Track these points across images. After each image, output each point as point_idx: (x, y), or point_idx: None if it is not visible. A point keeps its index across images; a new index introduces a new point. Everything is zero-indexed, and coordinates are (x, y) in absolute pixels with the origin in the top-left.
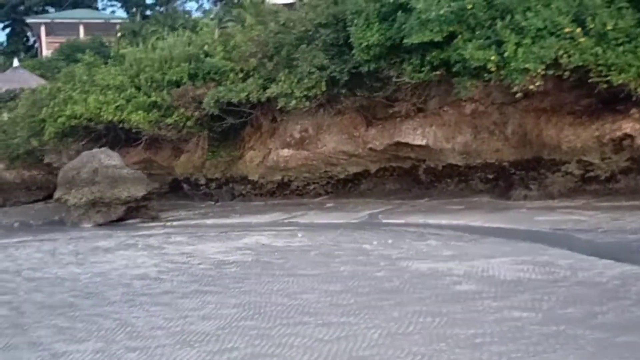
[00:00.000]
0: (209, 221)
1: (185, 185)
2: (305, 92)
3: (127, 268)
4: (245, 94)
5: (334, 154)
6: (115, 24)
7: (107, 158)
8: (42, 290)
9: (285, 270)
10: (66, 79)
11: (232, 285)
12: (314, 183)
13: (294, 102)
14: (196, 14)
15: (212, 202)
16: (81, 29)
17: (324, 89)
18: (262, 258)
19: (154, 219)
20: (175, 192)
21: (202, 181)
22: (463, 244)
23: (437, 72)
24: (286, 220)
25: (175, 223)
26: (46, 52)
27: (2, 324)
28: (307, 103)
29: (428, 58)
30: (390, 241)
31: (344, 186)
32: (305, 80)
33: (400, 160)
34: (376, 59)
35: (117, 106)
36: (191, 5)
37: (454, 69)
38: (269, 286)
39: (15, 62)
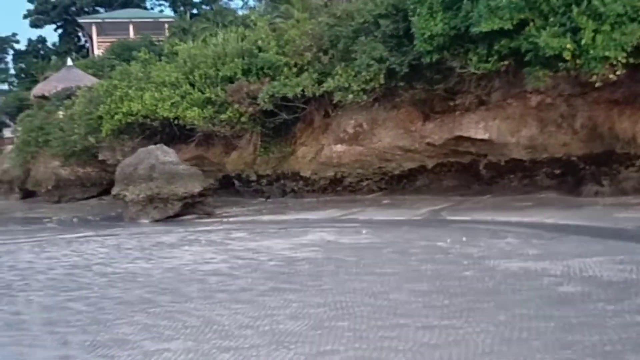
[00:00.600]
0: (265, 217)
1: (236, 182)
2: (362, 86)
3: (196, 264)
4: (300, 88)
5: (389, 149)
6: (163, 22)
7: (164, 154)
8: (116, 286)
9: (361, 268)
10: (122, 76)
11: (309, 283)
12: (367, 179)
13: (351, 95)
14: (241, 12)
15: (263, 199)
16: (131, 29)
17: (382, 81)
18: (333, 255)
19: (209, 215)
20: (225, 189)
21: (253, 177)
22: (545, 242)
23: (505, 62)
24: (344, 217)
25: (231, 219)
26: (97, 51)
27: (84, 320)
28: (364, 97)
29: (496, 47)
30: (464, 239)
31: (398, 182)
32: (363, 73)
33: (459, 155)
34: (439, 50)
35: (172, 103)
36: (236, 3)
37: (525, 59)
38: (349, 285)
39: (69, 62)
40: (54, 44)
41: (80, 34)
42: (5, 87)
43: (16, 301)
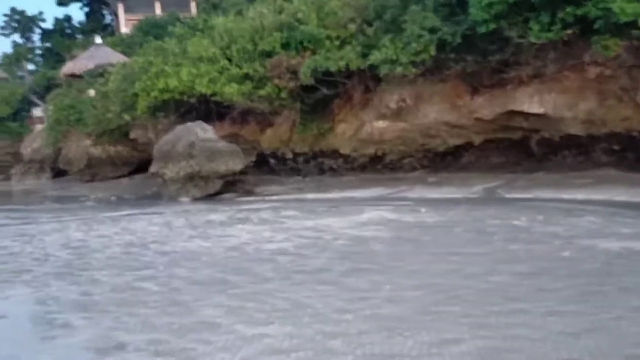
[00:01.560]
0: (309, 196)
1: (271, 160)
2: (412, 58)
3: (258, 242)
4: (344, 62)
5: (434, 125)
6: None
7: (203, 131)
8: (181, 265)
9: (441, 247)
10: (156, 52)
11: (391, 263)
12: (409, 156)
13: (399, 68)
14: None
15: (300, 177)
16: (157, 6)
17: (432, 53)
18: (402, 234)
19: (249, 193)
20: (259, 167)
21: (289, 155)
22: (633, 220)
23: (569, 31)
24: (392, 195)
25: (274, 197)
26: (124, 29)
27: (161, 301)
28: (413, 69)
29: (560, 15)
30: (540, 217)
31: (442, 160)
32: (413, 45)
33: (509, 130)
34: (496, 19)
35: (210, 79)
36: None
37: (595, 26)
38: (437, 266)
39: (98, 40)
40: (80, 23)
41: (105, 12)
42: (32, 66)
43: (81, 281)
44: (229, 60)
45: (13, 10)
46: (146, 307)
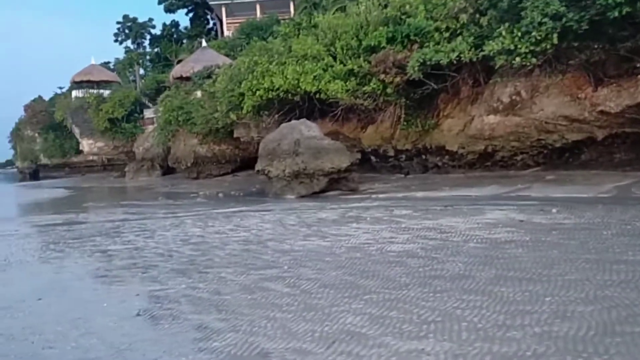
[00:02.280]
0: (419, 194)
1: (372, 157)
2: (531, 47)
3: (379, 243)
4: (456, 54)
5: (552, 119)
6: (289, 0)
7: (307, 129)
8: (305, 265)
9: (596, 253)
10: (261, 52)
11: (542, 271)
12: (522, 153)
13: (517, 59)
14: None
15: (402, 175)
16: (257, 8)
17: (555, 41)
18: (541, 237)
19: (353, 191)
20: (360, 165)
21: (391, 153)
22: None
23: None
24: (511, 194)
25: (380, 195)
26: (227, 32)
27: (296, 305)
28: (533, 59)
29: None
30: None
31: (559, 156)
32: (533, 33)
33: (639, 124)
34: (632, 1)
35: (314, 76)
36: None
37: None
38: (602, 275)
39: (203, 43)
40: (185, 28)
41: (209, 16)
42: (141, 71)
43: (208, 278)
44: (333, 57)
45: (125, 17)
46: (281, 311)
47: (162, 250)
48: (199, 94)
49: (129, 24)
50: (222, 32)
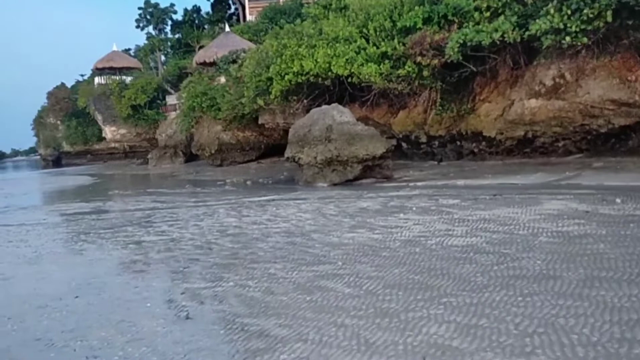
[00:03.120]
0: (460, 182)
1: (403, 144)
2: (583, 26)
3: (435, 236)
4: (500, 34)
5: (598, 103)
6: None
7: (339, 114)
8: (361, 261)
9: None
10: (289, 35)
11: None
12: (564, 139)
13: (567, 38)
14: None
15: (435, 162)
16: None
17: (609, 19)
18: (618, 231)
19: (388, 178)
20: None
21: (423, 139)
22: None
23: None
24: (561, 182)
25: (419, 184)
26: (249, 17)
27: (367, 309)
28: (584, 39)
29: None
30: None
31: (604, 142)
32: (585, 11)
33: None
34: None
35: (347, 59)
36: None
37: None
38: None
39: (227, 28)
40: (207, 13)
41: (230, 1)
42: (162, 58)
43: (256, 275)
44: (366, 39)
45: (147, 3)
46: (349, 316)
47: (200, 242)
48: (222, 79)
49: (150, 9)
50: (245, 17)
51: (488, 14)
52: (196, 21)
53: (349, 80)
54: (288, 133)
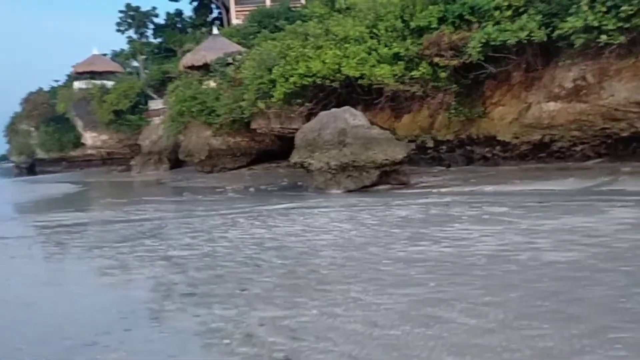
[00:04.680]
0: (487, 188)
1: None
2: (620, 24)
3: (522, 250)
4: (526, 33)
5: (623, 106)
6: None
7: (352, 117)
8: (455, 281)
9: None
10: (291, 36)
11: None
12: (582, 143)
13: (603, 37)
14: None
15: (443, 167)
16: None
17: None
18: None
19: (405, 184)
20: None
21: (430, 144)
22: None
23: None
24: (602, 188)
25: (443, 190)
26: (235, 20)
27: (509, 348)
28: (622, 37)
29: None
30: None
31: (625, 147)
32: (623, 7)
33: None
34: None
35: (358, 60)
36: None
37: None
38: None
39: (215, 31)
40: (190, 17)
41: (213, 5)
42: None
43: (337, 300)
44: (376, 39)
45: (128, 6)
46: (477, 355)
47: (240, 257)
48: (212, 83)
49: (131, 12)
50: (229, 21)
51: (509, 12)
52: (178, 25)
53: (359, 82)
54: (280, 139)
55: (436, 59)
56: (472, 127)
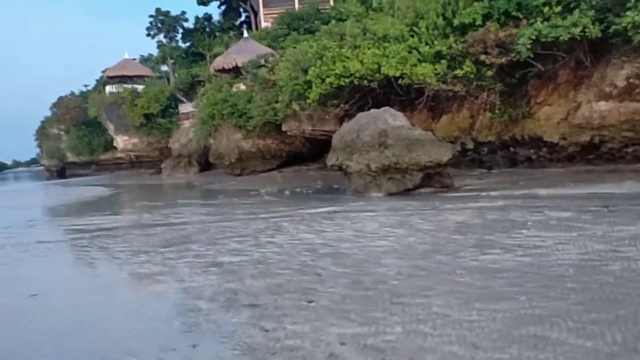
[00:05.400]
0: (541, 191)
1: None
2: None
3: (610, 260)
4: (580, 28)
5: None
6: None
7: (393, 118)
8: (547, 295)
9: None
10: (326, 36)
11: None
12: (634, 144)
13: None
14: None
15: (484, 170)
16: None
17: None
18: None
19: (448, 187)
20: None
21: (470, 145)
22: None
23: None
24: None
25: (492, 193)
26: (264, 23)
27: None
28: None
29: None
30: None
31: None
32: None
33: None
34: None
35: (399, 59)
36: None
37: None
38: None
39: (245, 34)
40: (218, 22)
41: (241, 9)
42: (166, 67)
43: (420, 316)
44: (417, 37)
45: (158, 11)
46: None
47: (295, 264)
48: (242, 86)
49: (161, 17)
50: (257, 24)
51: (559, 8)
52: (207, 29)
53: (399, 81)
54: (310, 141)
55: (482, 57)
56: (515, 127)
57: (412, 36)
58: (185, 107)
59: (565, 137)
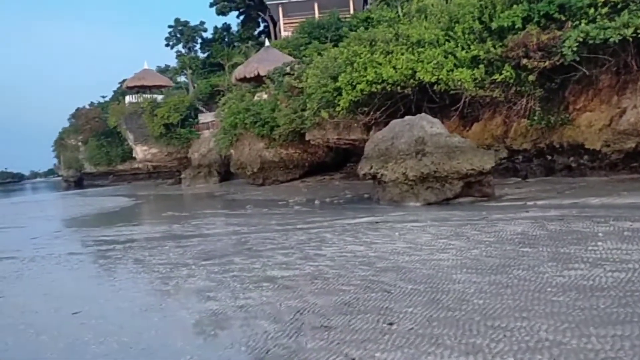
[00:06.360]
0: (594, 200)
1: None
2: None
3: None
4: (632, 30)
5: None
6: None
7: (430, 125)
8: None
9: None
10: (356, 42)
11: None
12: None
13: None
14: None
15: (519, 178)
16: (315, 7)
17: None
18: None
19: (488, 196)
20: None
21: (504, 154)
22: None
23: None
24: None
25: (539, 203)
26: (284, 32)
27: None
28: None
29: None
30: None
31: None
32: None
33: None
34: None
35: (434, 64)
36: None
37: None
38: None
39: (267, 43)
40: (237, 32)
41: (260, 19)
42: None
43: (524, 343)
44: (453, 42)
45: (177, 21)
46: None
47: (356, 280)
48: (264, 95)
49: (180, 27)
50: (276, 33)
51: (605, 9)
52: (226, 39)
53: (434, 87)
54: (332, 150)
55: (523, 61)
56: (553, 135)
57: (448, 41)
58: (205, 117)
59: (609, 144)
